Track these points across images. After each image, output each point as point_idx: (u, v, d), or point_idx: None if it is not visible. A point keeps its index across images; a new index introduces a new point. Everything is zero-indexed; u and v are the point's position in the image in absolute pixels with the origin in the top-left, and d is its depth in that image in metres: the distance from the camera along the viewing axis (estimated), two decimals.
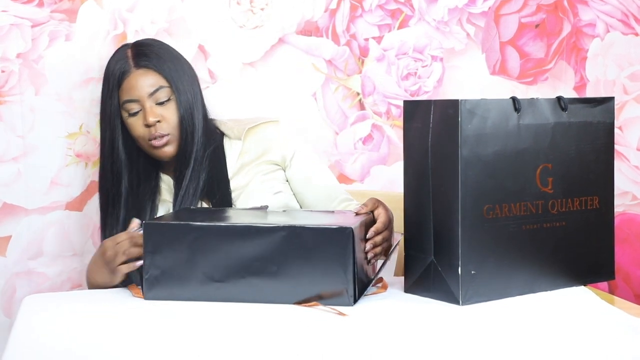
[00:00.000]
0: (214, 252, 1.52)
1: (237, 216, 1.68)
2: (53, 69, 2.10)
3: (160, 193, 1.90)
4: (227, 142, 1.92)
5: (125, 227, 1.76)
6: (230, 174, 1.88)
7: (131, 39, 2.12)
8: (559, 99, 1.61)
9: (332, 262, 1.49)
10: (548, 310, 1.51)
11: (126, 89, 1.84)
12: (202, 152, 1.86)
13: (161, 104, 1.84)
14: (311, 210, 1.86)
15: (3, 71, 2.08)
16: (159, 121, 1.83)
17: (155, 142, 1.83)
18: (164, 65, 1.87)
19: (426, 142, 1.54)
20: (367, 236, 1.58)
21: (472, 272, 1.51)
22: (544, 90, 2.36)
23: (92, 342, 1.35)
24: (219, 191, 1.86)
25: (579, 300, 1.56)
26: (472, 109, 1.50)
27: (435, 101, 1.54)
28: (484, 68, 2.35)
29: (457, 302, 1.51)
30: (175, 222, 1.56)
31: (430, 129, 1.53)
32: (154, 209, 1.87)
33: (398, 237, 1.68)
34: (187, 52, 2.09)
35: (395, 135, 2.31)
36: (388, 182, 2.30)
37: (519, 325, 1.43)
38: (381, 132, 2.31)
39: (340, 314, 1.46)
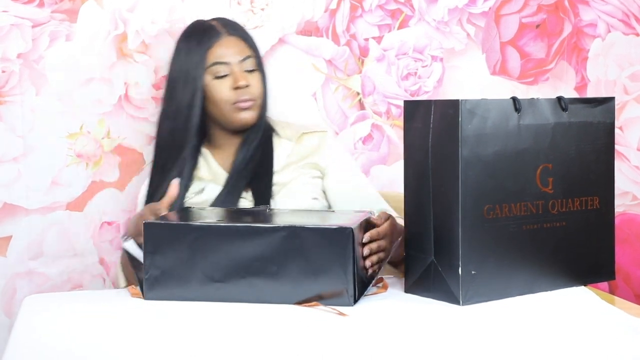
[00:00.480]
0: (214, 252, 1.52)
1: (237, 216, 1.68)
2: (53, 69, 2.10)
3: (197, 168, 1.92)
4: (275, 139, 1.95)
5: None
6: (274, 169, 1.91)
7: (131, 39, 2.12)
8: (559, 99, 1.61)
9: (332, 262, 1.49)
10: (548, 310, 1.51)
11: (216, 52, 1.88)
12: (263, 136, 1.92)
13: (249, 71, 1.90)
14: (311, 210, 1.86)
15: (3, 71, 2.08)
16: (247, 86, 1.87)
17: (242, 104, 1.87)
18: (251, 40, 1.94)
19: (426, 142, 1.54)
20: (363, 241, 1.57)
21: (473, 272, 1.51)
22: (544, 91, 2.36)
23: (93, 342, 1.35)
24: (262, 180, 1.89)
25: (579, 301, 1.56)
26: (472, 109, 1.50)
27: (436, 101, 1.54)
28: (484, 68, 2.35)
29: (458, 302, 1.51)
30: (175, 222, 1.56)
31: (431, 129, 1.53)
32: (191, 179, 1.89)
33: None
34: None
35: (395, 135, 2.31)
36: (388, 182, 2.30)
37: (519, 325, 1.43)
38: (381, 132, 2.31)
39: (341, 314, 1.46)
